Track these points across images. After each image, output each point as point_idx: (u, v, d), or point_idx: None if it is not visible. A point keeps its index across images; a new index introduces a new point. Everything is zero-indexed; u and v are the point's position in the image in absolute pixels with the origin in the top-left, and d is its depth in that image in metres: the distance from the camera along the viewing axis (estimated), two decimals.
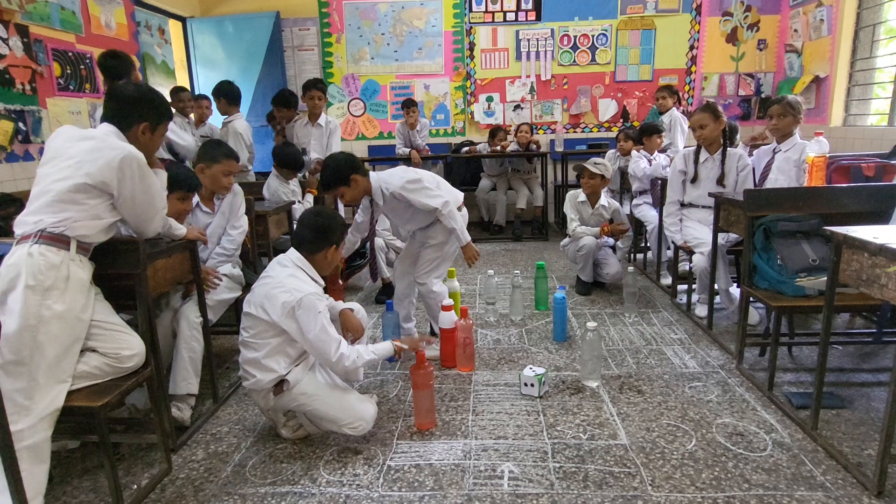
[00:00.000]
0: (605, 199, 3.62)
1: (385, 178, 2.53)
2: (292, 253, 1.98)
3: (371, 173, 2.53)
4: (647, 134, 4.11)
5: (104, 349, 1.65)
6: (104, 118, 1.72)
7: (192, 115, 4.31)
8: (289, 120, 4.30)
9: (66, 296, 1.53)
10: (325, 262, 2.00)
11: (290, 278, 1.88)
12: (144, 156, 1.70)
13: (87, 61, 3.95)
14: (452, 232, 2.55)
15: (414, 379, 2.03)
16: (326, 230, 1.98)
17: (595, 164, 3.50)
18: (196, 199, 2.43)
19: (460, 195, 2.69)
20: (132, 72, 3.13)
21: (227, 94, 4.07)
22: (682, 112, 4.69)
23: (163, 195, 1.79)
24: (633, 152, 4.13)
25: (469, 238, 2.59)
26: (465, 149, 5.45)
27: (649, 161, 4.02)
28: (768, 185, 2.95)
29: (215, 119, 4.51)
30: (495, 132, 5.37)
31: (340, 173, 2.41)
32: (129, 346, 1.69)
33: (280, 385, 1.90)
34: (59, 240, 1.54)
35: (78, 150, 1.61)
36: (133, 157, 1.63)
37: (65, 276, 1.53)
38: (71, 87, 3.79)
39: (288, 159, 3.49)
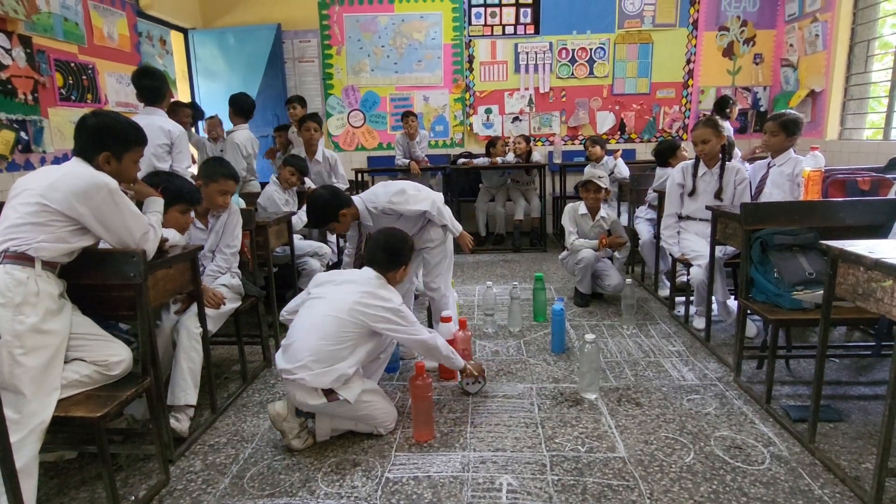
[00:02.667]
0: (604, 210, 3.64)
1: (370, 199, 2.57)
2: (368, 269, 2.13)
3: (354, 198, 2.57)
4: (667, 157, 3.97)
5: (91, 358, 1.66)
6: (73, 152, 1.74)
7: (196, 130, 4.39)
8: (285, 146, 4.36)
9: (39, 308, 1.53)
10: (394, 280, 2.16)
11: (381, 289, 2.07)
12: (122, 181, 1.74)
13: (90, 72, 3.98)
14: (445, 227, 2.70)
15: (413, 390, 2.03)
16: (400, 252, 2.17)
17: (599, 178, 3.53)
18: (192, 214, 2.46)
19: (440, 195, 2.75)
20: (168, 92, 3.06)
21: (236, 105, 4.12)
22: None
23: (141, 217, 1.75)
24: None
25: (460, 227, 2.80)
26: (462, 160, 5.47)
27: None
28: (763, 199, 2.98)
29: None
30: (493, 142, 5.41)
31: (329, 212, 2.47)
32: (115, 353, 1.71)
33: (334, 393, 1.93)
34: (22, 258, 1.55)
35: (45, 179, 1.62)
36: (99, 184, 1.62)
37: (34, 291, 1.53)
38: (73, 98, 3.82)
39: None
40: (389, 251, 2.14)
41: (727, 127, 3.81)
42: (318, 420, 2.04)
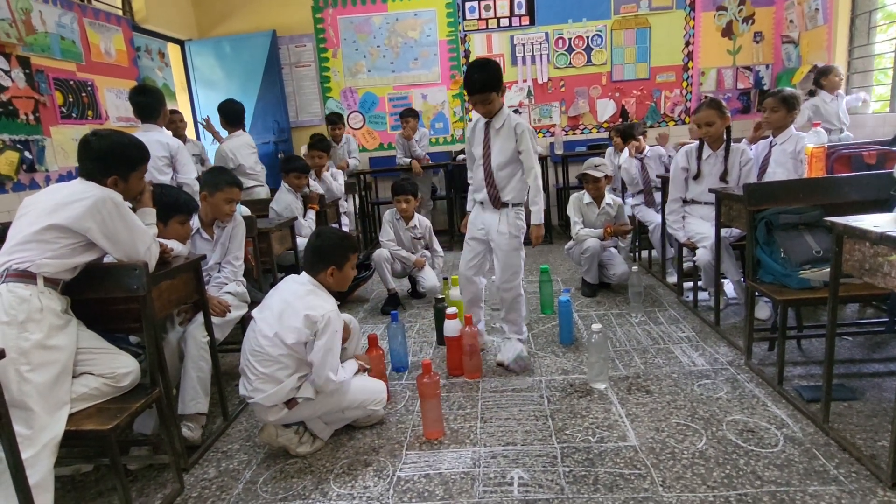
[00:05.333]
0: (609, 196, 3.63)
1: (513, 114, 2.55)
2: (303, 275, 2.05)
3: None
4: (625, 137, 4.16)
5: (99, 371, 1.68)
6: (79, 173, 1.76)
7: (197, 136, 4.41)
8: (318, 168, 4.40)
9: (43, 325, 1.54)
10: (330, 282, 2.04)
11: (311, 295, 1.96)
12: (128, 197, 1.77)
13: (89, 88, 4.01)
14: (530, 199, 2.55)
15: (420, 389, 2.03)
16: (323, 252, 2.03)
17: (596, 167, 3.51)
18: (197, 224, 2.48)
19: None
20: (163, 108, 3.10)
21: (224, 113, 4.13)
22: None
23: (145, 230, 1.79)
24: (624, 155, 4.18)
25: (542, 219, 2.59)
26: (461, 156, 5.45)
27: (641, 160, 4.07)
28: (767, 178, 2.94)
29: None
30: None
31: (498, 79, 2.40)
32: (122, 365, 1.73)
33: (293, 399, 1.93)
34: (24, 275, 1.56)
35: (52, 197, 1.65)
36: (105, 199, 1.65)
37: (38, 308, 1.55)
38: (73, 115, 3.85)
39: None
40: (315, 252, 2.03)
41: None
42: (309, 424, 2.05)
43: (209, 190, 2.46)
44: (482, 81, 2.38)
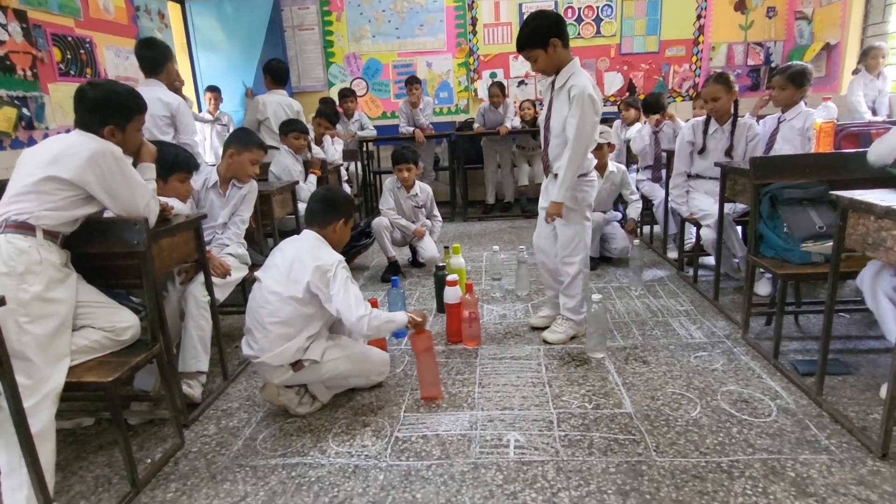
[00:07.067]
0: (612, 165, 3.61)
1: (576, 73, 2.26)
2: (307, 231, 2.05)
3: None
4: (648, 111, 4.08)
5: (99, 324, 1.69)
6: (75, 124, 1.73)
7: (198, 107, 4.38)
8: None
9: (42, 277, 1.54)
10: (334, 237, 2.07)
11: (316, 249, 1.97)
12: (127, 151, 1.74)
13: (87, 46, 3.94)
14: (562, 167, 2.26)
15: (413, 345, 2.06)
16: (335, 204, 2.05)
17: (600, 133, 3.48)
18: (215, 178, 2.49)
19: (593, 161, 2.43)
20: (168, 63, 3.01)
21: (272, 72, 4.16)
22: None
23: (145, 185, 1.76)
24: (634, 129, 4.14)
25: (565, 197, 2.30)
26: (478, 126, 5.33)
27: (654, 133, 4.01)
28: (773, 154, 2.91)
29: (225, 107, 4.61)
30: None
31: (545, 32, 2.18)
32: (122, 319, 1.74)
33: (299, 362, 1.94)
34: (23, 227, 1.55)
35: (50, 149, 1.63)
36: (105, 151, 1.63)
37: (37, 260, 1.54)
38: (72, 73, 3.79)
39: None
40: (326, 203, 2.04)
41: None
42: (311, 387, 2.06)
43: (237, 148, 2.48)
44: (521, 39, 2.21)
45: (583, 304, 2.51)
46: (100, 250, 1.75)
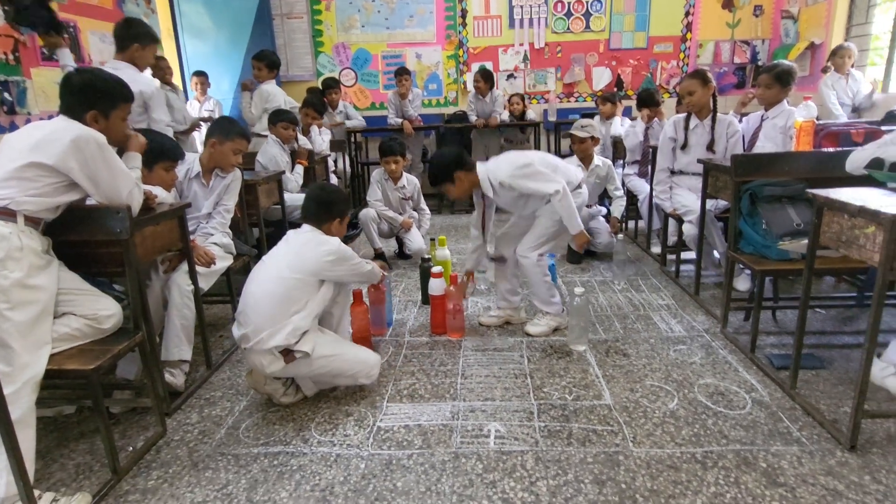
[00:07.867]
0: (597, 159, 3.65)
1: (492, 169, 2.42)
2: (306, 226, 2.08)
3: (478, 165, 2.44)
4: (642, 105, 4.14)
5: (81, 312, 1.68)
6: (60, 110, 1.71)
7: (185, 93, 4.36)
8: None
9: (23, 264, 1.52)
10: (332, 233, 2.10)
11: (321, 236, 2.05)
12: (111, 139, 1.71)
13: (71, 30, 3.86)
14: (563, 220, 2.40)
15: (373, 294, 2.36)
16: (331, 204, 2.09)
17: (582, 127, 3.52)
18: (197, 169, 2.46)
19: (579, 173, 2.58)
20: (134, 43, 2.80)
21: (268, 61, 4.28)
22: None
23: (128, 173, 1.75)
24: (616, 123, 4.22)
25: (581, 226, 2.42)
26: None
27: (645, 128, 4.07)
28: (756, 151, 2.96)
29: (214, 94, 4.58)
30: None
31: (444, 172, 2.41)
32: (104, 307, 1.73)
33: (290, 353, 1.93)
34: (4, 213, 1.54)
35: (33, 135, 1.61)
36: (88, 137, 1.61)
37: (18, 247, 1.52)
38: (55, 58, 3.72)
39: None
40: (321, 203, 2.08)
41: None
42: (299, 380, 2.07)
43: (219, 137, 2.45)
44: (431, 177, 2.46)
45: (550, 295, 2.56)
46: (82, 238, 1.74)
